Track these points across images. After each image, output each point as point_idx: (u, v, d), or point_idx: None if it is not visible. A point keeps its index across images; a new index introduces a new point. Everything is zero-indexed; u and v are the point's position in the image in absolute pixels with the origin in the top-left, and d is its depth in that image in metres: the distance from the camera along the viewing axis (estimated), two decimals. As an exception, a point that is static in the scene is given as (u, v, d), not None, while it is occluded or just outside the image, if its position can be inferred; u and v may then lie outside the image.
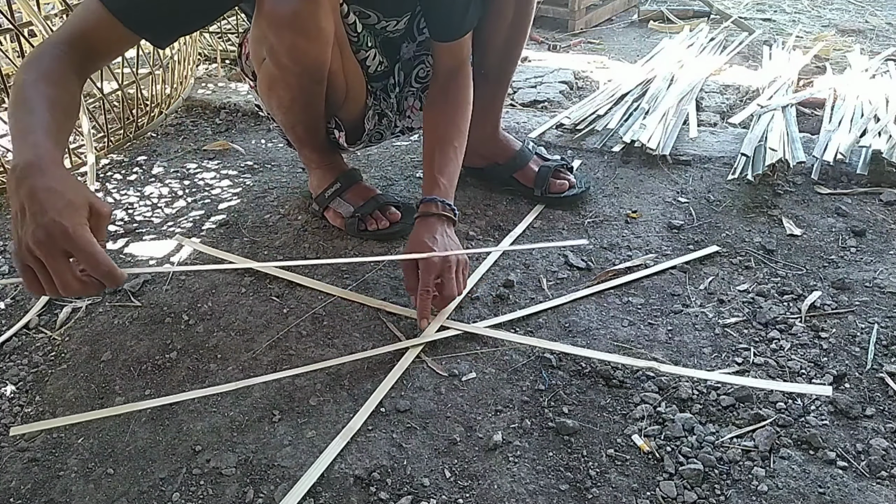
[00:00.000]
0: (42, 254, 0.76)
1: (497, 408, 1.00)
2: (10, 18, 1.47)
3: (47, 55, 0.93)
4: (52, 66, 0.92)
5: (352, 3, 1.16)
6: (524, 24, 1.37)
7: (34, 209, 0.76)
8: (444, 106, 1.29)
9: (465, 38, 1.27)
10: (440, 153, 1.25)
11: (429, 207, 1.21)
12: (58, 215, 0.75)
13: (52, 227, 0.75)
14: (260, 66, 1.20)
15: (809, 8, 3.03)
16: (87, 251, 0.77)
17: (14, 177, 0.79)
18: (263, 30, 1.09)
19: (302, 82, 1.17)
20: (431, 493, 0.88)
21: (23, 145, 0.81)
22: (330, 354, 1.11)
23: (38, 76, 0.90)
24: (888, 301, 1.17)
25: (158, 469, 0.92)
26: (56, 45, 0.95)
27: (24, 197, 0.77)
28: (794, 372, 1.05)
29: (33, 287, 0.79)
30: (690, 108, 1.83)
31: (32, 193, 0.77)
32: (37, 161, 0.79)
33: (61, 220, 0.75)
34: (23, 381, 1.08)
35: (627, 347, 1.10)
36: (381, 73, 1.33)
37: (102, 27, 0.96)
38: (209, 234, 1.43)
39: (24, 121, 0.84)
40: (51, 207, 0.76)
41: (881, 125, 1.58)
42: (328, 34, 1.10)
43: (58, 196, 0.77)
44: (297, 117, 1.30)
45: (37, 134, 0.82)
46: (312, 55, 1.11)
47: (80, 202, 0.78)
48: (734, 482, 0.88)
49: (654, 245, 1.35)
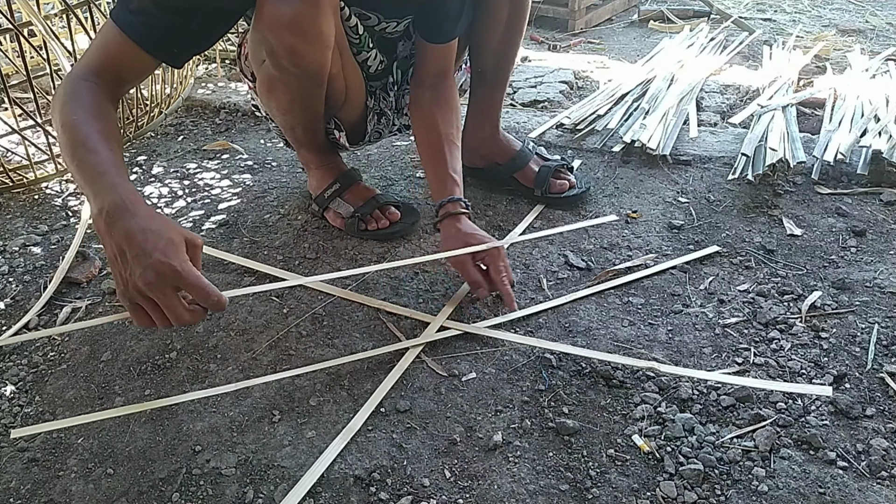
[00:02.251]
0: (154, 294, 0.80)
1: (497, 408, 1.00)
2: (9, 18, 1.47)
3: (83, 90, 0.94)
4: (92, 101, 0.94)
5: (352, 4, 1.16)
6: (520, 23, 1.37)
7: (135, 252, 0.79)
8: (439, 106, 1.30)
9: (453, 42, 1.28)
10: (449, 153, 1.28)
11: (455, 207, 1.23)
12: (163, 256, 0.79)
13: (162, 268, 0.79)
14: (259, 67, 1.20)
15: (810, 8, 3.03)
16: (198, 286, 0.81)
17: (103, 220, 0.82)
18: (263, 32, 1.09)
19: (301, 85, 1.17)
20: (431, 494, 0.88)
21: (100, 187, 0.83)
22: (330, 354, 1.11)
23: (85, 113, 0.91)
24: (888, 301, 1.17)
25: (158, 469, 0.92)
26: (84, 77, 0.96)
27: (122, 240, 0.80)
28: (795, 372, 1.05)
29: (143, 322, 0.83)
30: (691, 108, 1.83)
31: (130, 236, 0.80)
32: (123, 203, 0.82)
33: (169, 261, 0.79)
34: (22, 382, 1.08)
35: (627, 347, 1.10)
36: (381, 72, 1.33)
37: (125, 55, 0.97)
38: (209, 234, 1.43)
39: (91, 161, 0.86)
40: (153, 249, 0.79)
41: (881, 125, 1.58)
42: (328, 37, 1.10)
43: (156, 236, 0.80)
44: (296, 119, 1.30)
45: (111, 174, 0.84)
46: (312, 58, 1.11)
47: (177, 239, 0.82)
48: (734, 482, 0.88)
49: (654, 245, 1.35)
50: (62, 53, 1.56)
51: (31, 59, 1.70)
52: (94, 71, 0.97)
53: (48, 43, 1.55)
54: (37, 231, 1.46)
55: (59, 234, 1.45)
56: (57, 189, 1.64)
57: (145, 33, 0.97)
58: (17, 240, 1.43)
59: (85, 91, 0.94)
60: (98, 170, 0.85)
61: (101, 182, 0.84)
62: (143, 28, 0.96)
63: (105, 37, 0.98)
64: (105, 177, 0.84)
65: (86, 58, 0.99)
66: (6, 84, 1.55)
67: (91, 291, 1.27)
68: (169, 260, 0.79)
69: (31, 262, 1.36)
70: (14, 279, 1.31)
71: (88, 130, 0.89)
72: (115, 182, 0.84)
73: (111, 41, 0.97)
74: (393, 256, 1.33)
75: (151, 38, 0.97)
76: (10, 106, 1.59)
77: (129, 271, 0.80)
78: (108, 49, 0.97)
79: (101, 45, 0.98)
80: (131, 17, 0.96)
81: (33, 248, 1.41)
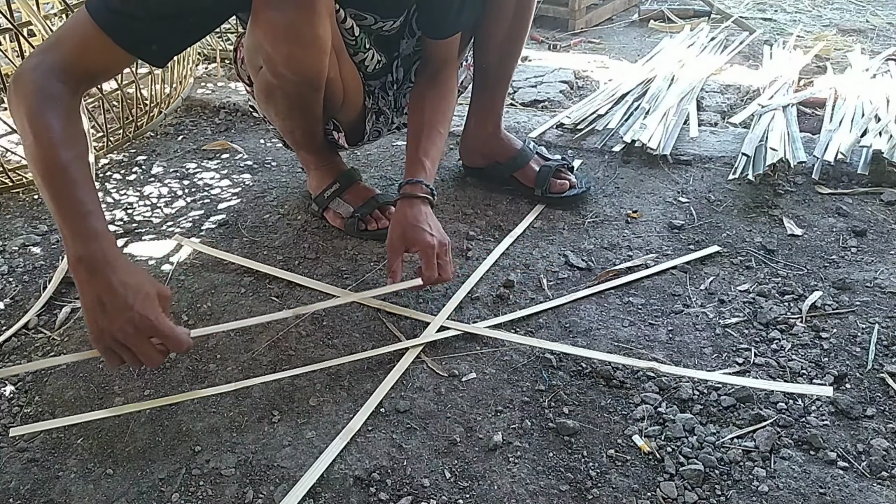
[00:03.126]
0: (131, 343, 0.88)
1: (497, 408, 1.00)
2: (9, 18, 1.47)
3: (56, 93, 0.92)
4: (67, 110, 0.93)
5: (347, 6, 1.15)
6: (525, 21, 1.37)
7: (116, 304, 0.86)
8: (432, 93, 1.30)
9: (456, 36, 1.28)
10: (426, 137, 1.26)
11: (414, 189, 1.20)
12: (141, 309, 0.87)
13: (139, 321, 0.87)
14: (256, 73, 1.20)
15: (810, 7, 3.03)
16: (171, 336, 0.90)
17: (83, 268, 0.87)
18: (259, 39, 1.08)
19: (300, 91, 1.17)
20: (431, 494, 0.88)
21: (82, 232, 0.88)
22: (330, 354, 1.10)
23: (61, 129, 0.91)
24: (889, 301, 1.17)
25: (158, 469, 0.92)
26: (54, 73, 0.93)
27: (101, 290, 0.87)
28: (795, 372, 1.04)
29: (114, 363, 0.91)
30: (691, 108, 1.83)
31: (110, 288, 0.87)
32: (104, 256, 0.87)
33: (146, 314, 0.87)
34: (22, 382, 1.08)
35: (628, 348, 1.10)
36: (380, 70, 1.33)
37: (97, 49, 0.94)
38: (208, 234, 1.43)
39: (72, 197, 0.89)
40: (133, 302, 0.87)
41: (882, 125, 1.58)
42: (325, 43, 1.09)
43: (134, 291, 0.87)
44: (294, 123, 1.30)
45: (92, 218, 0.89)
46: (309, 64, 1.10)
47: (153, 293, 0.90)
48: (735, 483, 0.88)
49: (654, 245, 1.35)
50: (62, 53, 1.56)
51: (30, 59, 1.69)
52: (63, 67, 0.93)
53: (48, 43, 1.55)
54: (36, 231, 1.46)
55: (59, 235, 1.44)
56: (57, 189, 1.64)
57: (127, 34, 0.94)
58: (16, 240, 1.42)
59: (58, 95, 0.92)
60: (79, 210, 0.88)
61: (82, 226, 0.88)
62: (124, 28, 0.93)
63: (79, 31, 0.94)
64: (87, 220, 0.88)
65: (56, 50, 0.95)
66: (6, 84, 1.55)
67: (91, 291, 1.27)
68: (147, 314, 0.87)
69: (30, 262, 1.36)
70: (14, 279, 1.31)
71: (67, 155, 0.90)
72: (97, 230, 0.88)
73: (89, 38, 0.93)
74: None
75: (134, 39, 0.95)
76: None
77: (107, 320, 0.87)
78: (85, 46, 0.94)
79: (74, 39, 0.94)
80: (112, 16, 0.93)
81: (33, 248, 1.41)
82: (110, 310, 0.87)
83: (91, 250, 0.87)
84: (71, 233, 0.88)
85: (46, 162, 0.89)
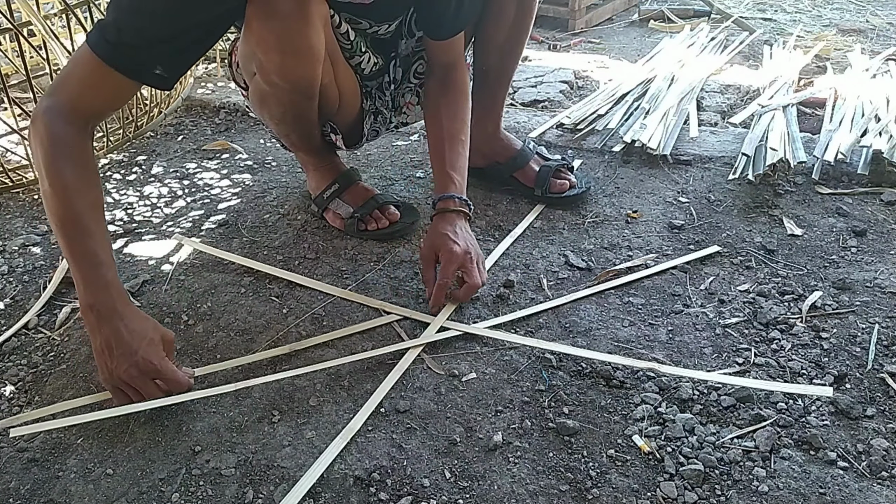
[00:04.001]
0: (137, 385, 0.96)
1: (497, 408, 1.00)
2: (9, 18, 1.47)
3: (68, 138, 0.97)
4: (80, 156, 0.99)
5: (342, 11, 1.15)
6: (526, 22, 1.37)
7: (122, 350, 0.95)
8: (445, 101, 1.30)
9: (458, 36, 1.27)
10: (450, 149, 1.27)
11: (447, 204, 1.23)
12: (146, 354, 0.96)
13: (144, 365, 0.96)
14: (251, 79, 1.20)
15: (810, 7, 3.03)
16: (172, 379, 0.98)
17: (93, 315, 0.96)
18: (252, 47, 1.08)
19: (293, 98, 1.17)
20: (431, 494, 0.88)
21: (94, 282, 0.96)
22: (330, 354, 1.10)
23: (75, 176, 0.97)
24: (889, 301, 1.17)
25: (158, 469, 0.92)
26: (64, 116, 0.97)
27: (110, 336, 0.96)
28: (795, 372, 1.04)
29: (123, 401, 0.99)
30: (691, 108, 1.83)
31: (118, 336, 0.96)
32: (114, 305, 0.96)
33: (150, 359, 0.96)
34: (22, 382, 1.08)
35: (628, 348, 1.10)
36: (376, 72, 1.33)
37: (102, 82, 0.97)
38: (208, 234, 1.43)
39: (85, 247, 0.97)
40: (138, 348, 0.96)
41: (882, 125, 1.58)
42: (318, 52, 1.09)
43: (140, 337, 0.96)
44: (289, 127, 1.30)
45: (104, 268, 0.97)
46: (302, 73, 1.10)
47: (157, 338, 0.99)
48: (735, 483, 0.88)
49: (654, 245, 1.35)
50: (62, 53, 1.56)
51: (30, 59, 1.69)
52: (71, 107, 0.97)
53: (48, 43, 1.55)
54: (36, 231, 1.46)
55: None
56: (57, 189, 1.64)
57: (129, 62, 0.96)
58: (16, 240, 1.42)
59: (69, 139, 0.97)
60: (93, 261, 0.96)
61: (94, 275, 0.96)
62: (125, 57, 0.96)
63: (83, 66, 0.97)
64: (99, 271, 0.96)
65: (62, 90, 0.98)
66: (6, 84, 1.55)
67: (91, 291, 1.27)
68: (150, 359, 0.96)
69: (30, 262, 1.36)
70: (14, 279, 1.31)
71: (80, 204, 0.97)
72: (109, 281, 0.97)
73: (92, 72, 0.97)
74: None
75: (136, 66, 0.97)
76: (10, 106, 1.59)
77: (114, 363, 0.95)
78: (90, 81, 0.97)
79: (79, 76, 0.98)
80: (112, 47, 0.95)
81: (33, 248, 1.41)
82: (117, 355, 0.95)
83: (101, 300, 0.96)
84: (84, 282, 0.96)
85: (60, 212, 0.96)
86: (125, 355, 0.95)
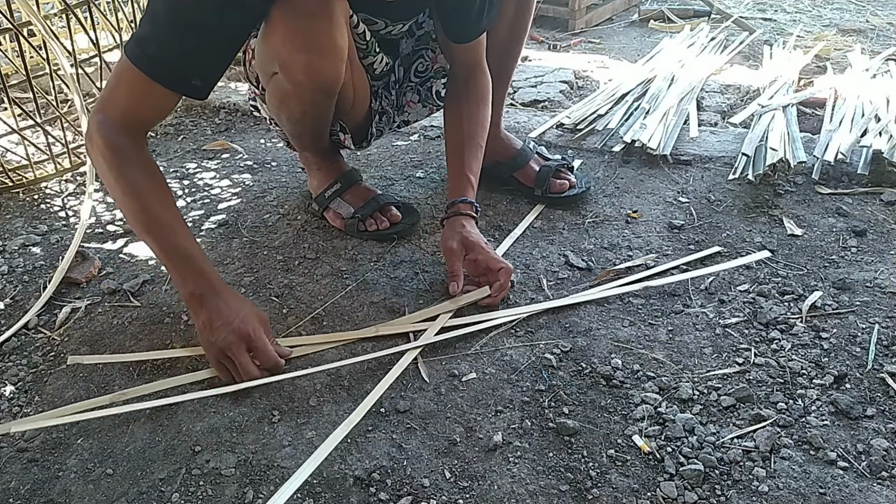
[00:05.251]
0: (233, 353, 1.02)
1: (497, 408, 1.00)
2: (9, 18, 1.47)
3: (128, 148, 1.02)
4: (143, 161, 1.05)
5: (359, 11, 1.15)
6: (525, 22, 1.37)
7: (221, 321, 1.03)
8: (467, 103, 1.31)
9: (480, 38, 1.28)
10: (469, 150, 1.29)
11: (465, 208, 1.25)
12: (241, 323, 1.03)
13: (239, 332, 1.03)
14: (268, 78, 1.20)
15: (810, 7, 3.03)
16: (262, 348, 1.04)
17: (195, 301, 1.04)
18: (276, 47, 1.08)
19: (315, 98, 1.17)
20: (431, 494, 0.88)
21: (190, 273, 1.04)
22: (330, 354, 1.10)
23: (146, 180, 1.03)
24: (889, 301, 1.17)
25: (158, 469, 0.92)
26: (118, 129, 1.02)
27: (210, 312, 1.03)
28: (795, 372, 1.04)
29: (225, 376, 1.05)
30: (691, 108, 1.83)
31: (218, 311, 1.03)
32: (212, 287, 1.05)
33: (244, 327, 1.03)
34: (22, 382, 1.08)
35: (628, 348, 1.10)
36: (387, 71, 1.33)
37: (147, 95, 1.01)
38: (208, 234, 1.43)
39: (172, 243, 1.04)
40: (234, 318, 1.03)
41: (882, 125, 1.58)
42: (343, 50, 1.09)
43: (236, 311, 1.04)
44: (304, 127, 1.30)
45: (195, 259, 1.04)
46: (328, 72, 1.10)
47: (252, 313, 1.06)
48: (735, 483, 0.88)
49: (654, 245, 1.35)
50: (62, 53, 1.56)
51: (30, 59, 1.69)
52: (124, 121, 1.02)
53: (48, 43, 1.55)
54: (36, 231, 1.46)
55: (59, 234, 1.45)
56: (56, 189, 1.64)
57: (169, 75, 1.00)
58: (16, 240, 1.42)
59: (130, 149, 1.03)
60: (183, 255, 1.04)
61: (189, 267, 1.04)
62: (165, 71, 0.99)
63: (127, 81, 1.01)
64: (192, 262, 1.04)
65: (112, 105, 1.02)
66: (6, 84, 1.55)
67: (90, 291, 1.27)
68: (245, 326, 1.03)
69: (30, 262, 1.36)
70: (14, 279, 1.31)
71: (157, 205, 1.03)
72: (203, 269, 1.05)
73: (137, 86, 1.00)
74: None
75: (176, 79, 1.01)
76: (10, 106, 1.59)
77: (215, 336, 1.02)
78: (136, 94, 1.01)
79: (125, 90, 1.02)
80: (151, 60, 0.98)
81: (33, 248, 1.41)
82: (216, 326, 1.02)
83: (201, 287, 1.04)
84: (180, 276, 1.04)
85: (141, 217, 1.03)
86: (224, 325, 1.02)
